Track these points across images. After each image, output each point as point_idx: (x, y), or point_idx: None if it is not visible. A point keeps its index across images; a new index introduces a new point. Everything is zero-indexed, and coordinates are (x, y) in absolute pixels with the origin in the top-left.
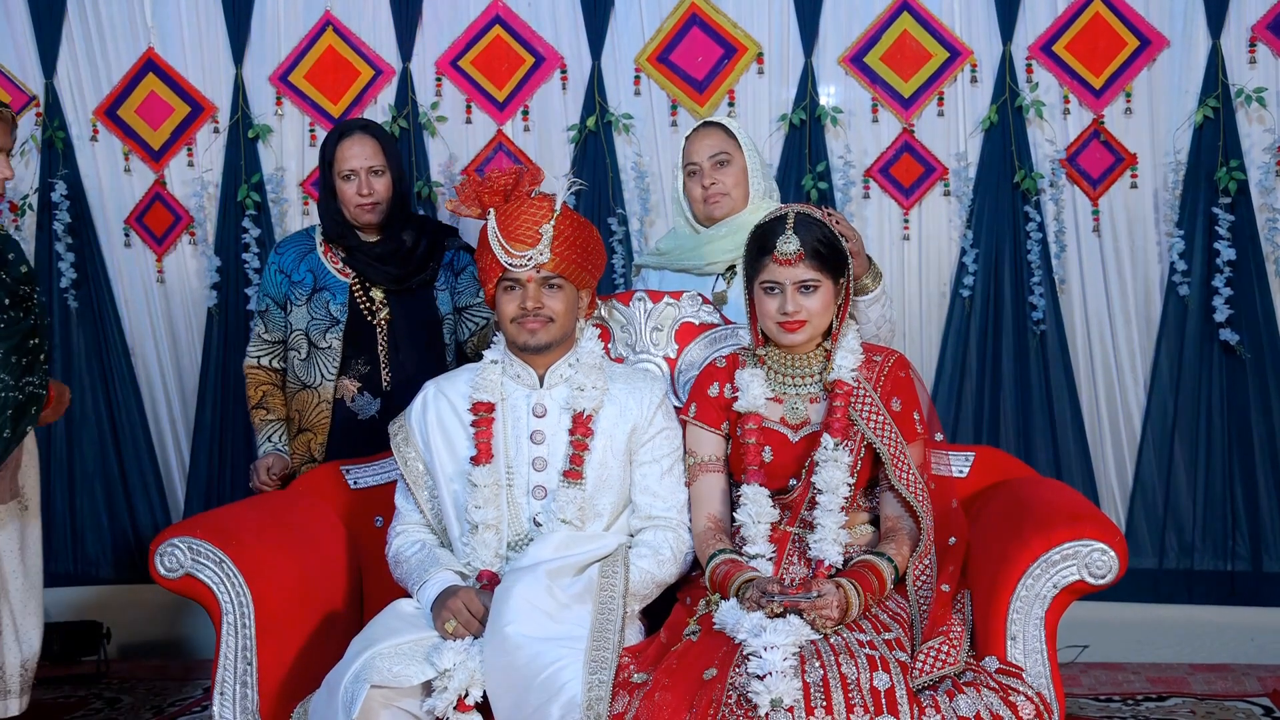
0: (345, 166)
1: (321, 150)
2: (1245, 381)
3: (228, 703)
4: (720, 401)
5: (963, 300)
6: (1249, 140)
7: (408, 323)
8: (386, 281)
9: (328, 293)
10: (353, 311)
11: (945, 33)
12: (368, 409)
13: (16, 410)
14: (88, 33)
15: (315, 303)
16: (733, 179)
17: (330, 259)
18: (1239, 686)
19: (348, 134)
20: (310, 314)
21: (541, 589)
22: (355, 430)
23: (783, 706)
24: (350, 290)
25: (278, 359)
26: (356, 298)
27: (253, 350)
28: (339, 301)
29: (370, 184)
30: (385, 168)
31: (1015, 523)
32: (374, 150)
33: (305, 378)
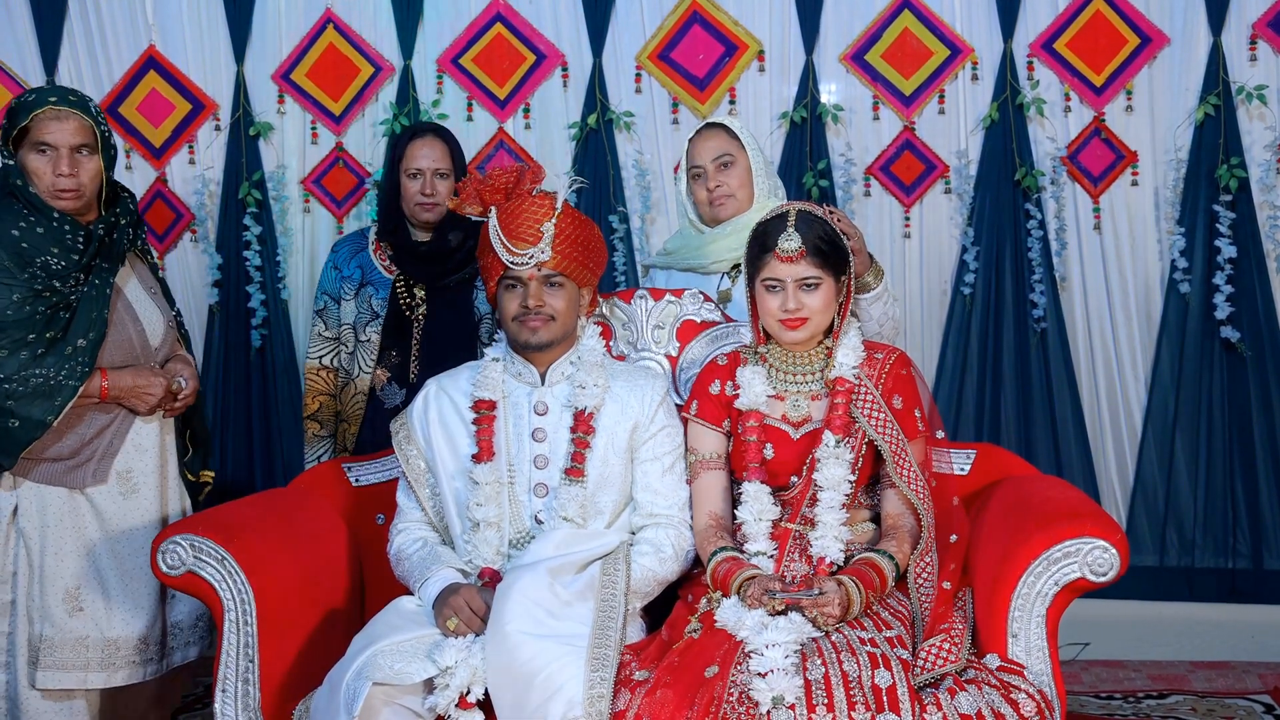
0: (413, 165)
1: (392, 147)
2: (1246, 379)
3: (229, 700)
4: (721, 399)
5: (964, 298)
6: (1250, 138)
7: (443, 320)
8: (426, 279)
9: (372, 288)
10: (393, 306)
11: (946, 30)
12: (393, 399)
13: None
14: (89, 30)
15: (361, 297)
16: (737, 180)
17: (379, 256)
18: (1240, 684)
19: (420, 134)
20: (357, 308)
21: (543, 586)
22: (381, 420)
23: (784, 704)
24: (394, 286)
25: (337, 357)
26: (399, 293)
27: (314, 350)
28: (381, 296)
29: (434, 185)
30: (450, 171)
31: (1016, 520)
32: (443, 153)
33: (349, 370)
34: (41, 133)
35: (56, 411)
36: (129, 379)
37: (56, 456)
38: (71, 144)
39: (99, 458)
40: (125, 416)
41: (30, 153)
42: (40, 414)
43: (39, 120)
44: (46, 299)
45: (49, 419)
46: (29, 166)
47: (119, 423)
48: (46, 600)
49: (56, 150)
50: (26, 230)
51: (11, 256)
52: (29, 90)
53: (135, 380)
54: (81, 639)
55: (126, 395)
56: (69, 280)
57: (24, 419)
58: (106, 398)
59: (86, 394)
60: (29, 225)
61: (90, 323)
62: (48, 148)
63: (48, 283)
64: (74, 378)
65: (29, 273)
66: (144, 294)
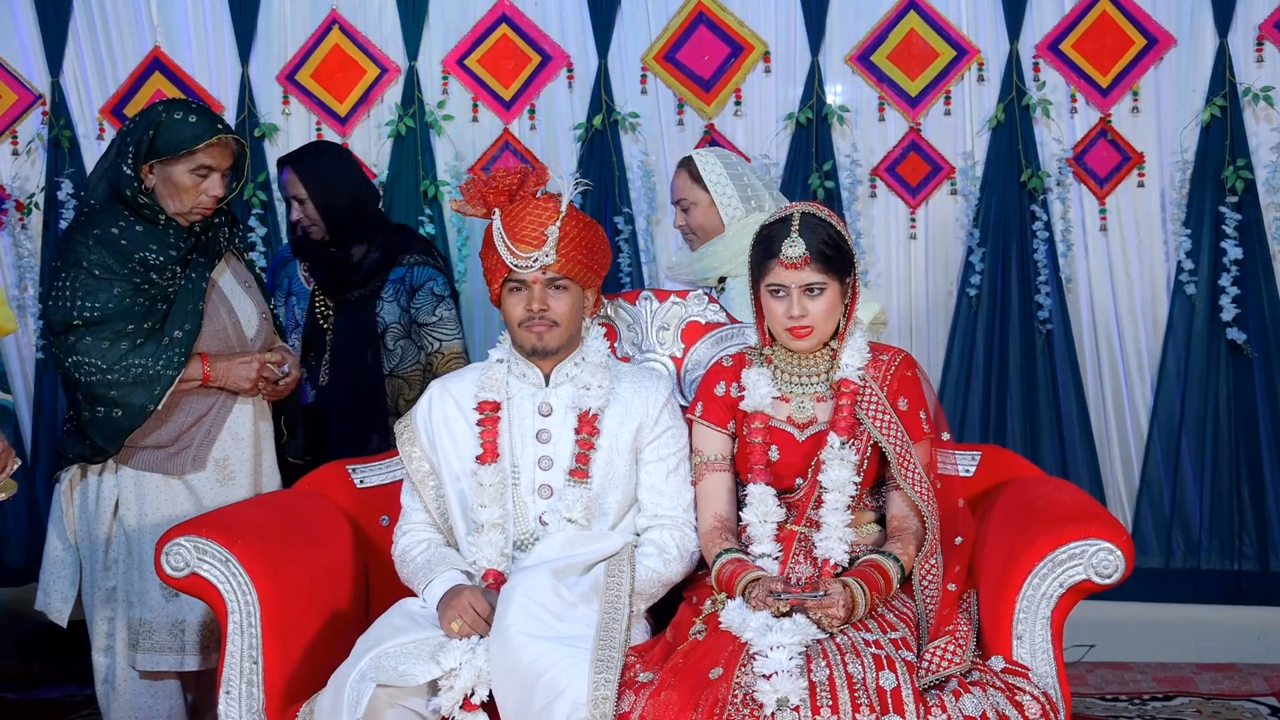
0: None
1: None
2: (1252, 380)
3: (233, 702)
4: (726, 400)
5: (969, 299)
6: (1256, 139)
7: (345, 332)
8: (328, 290)
9: (295, 298)
10: (310, 316)
11: (952, 31)
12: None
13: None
14: (93, 31)
15: (287, 306)
16: (697, 220)
17: (301, 267)
18: (1245, 686)
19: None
20: (285, 315)
21: (547, 588)
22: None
23: (788, 706)
24: (311, 296)
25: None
26: (316, 304)
27: None
28: (301, 305)
29: (300, 210)
30: (306, 197)
31: (1021, 522)
32: (295, 181)
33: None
34: (209, 157)
35: (156, 400)
36: (227, 360)
37: (156, 444)
38: (224, 167)
39: (197, 445)
40: (223, 405)
41: (183, 172)
42: (141, 402)
43: (209, 147)
44: (145, 292)
45: (149, 407)
46: (176, 182)
47: (216, 410)
48: (145, 585)
49: (215, 173)
50: (126, 228)
51: (112, 254)
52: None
53: (233, 360)
54: (178, 622)
55: (225, 375)
56: (166, 274)
57: (126, 407)
58: (209, 381)
59: (189, 378)
60: (128, 224)
61: (186, 315)
62: (209, 171)
63: (146, 276)
64: (171, 367)
65: (128, 268)
66: (239, 288)
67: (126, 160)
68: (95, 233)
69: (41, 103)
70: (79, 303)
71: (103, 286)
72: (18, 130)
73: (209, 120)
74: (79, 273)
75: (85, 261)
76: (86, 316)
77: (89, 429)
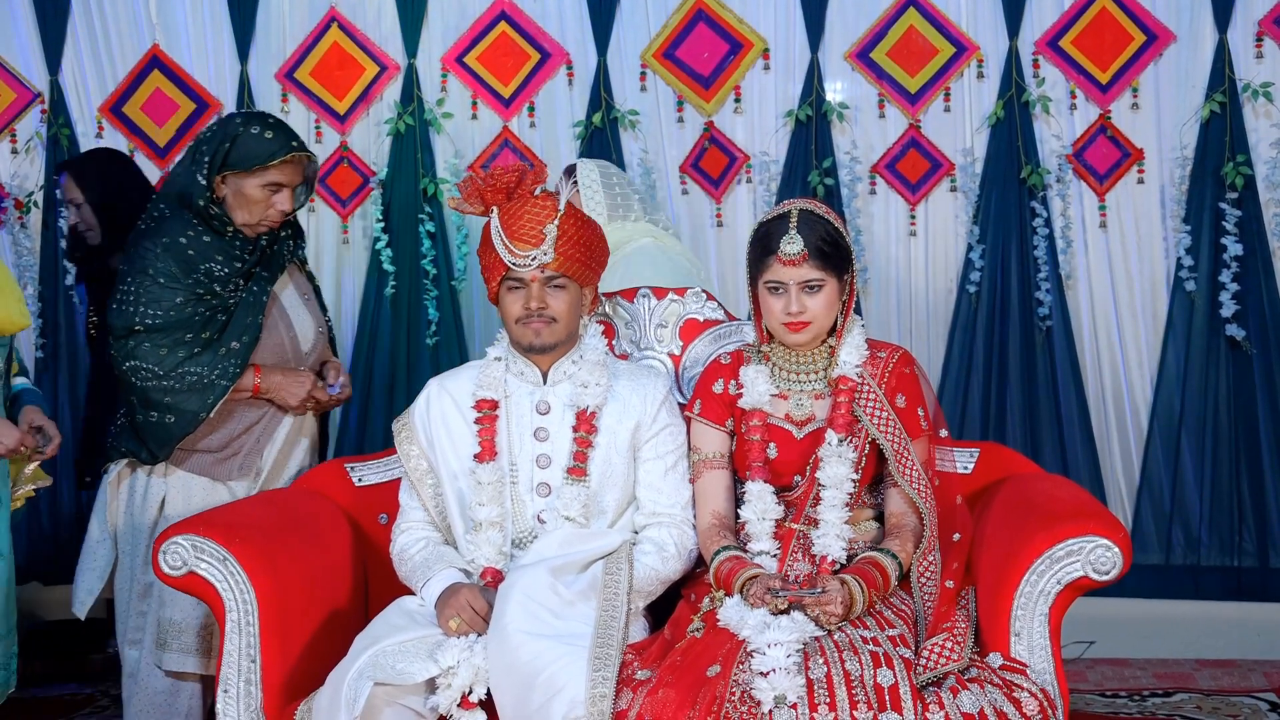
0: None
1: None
2: (1252, 377)
3: (232, 700)
4: (725, 398)
5: (969, 296)
6: (1256, 135)
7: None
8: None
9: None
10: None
11: (952, 28)
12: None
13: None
14: (92, 30)
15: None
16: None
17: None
18: (1245, 682)
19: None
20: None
21: (545, 586)
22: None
23: (786, 703)
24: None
25: None
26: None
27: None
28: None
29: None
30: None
31: (1019, 519)
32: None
33: None
34: (280, 174)
35: (209, 408)
36: (279, 376)
37: (207, 449)
38: (295, 184)
39: (245, 453)
40: (272, 417)
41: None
42: (193, 409)
43: (283, 164)
44: (207, 302)
45: (201, 414)
46: (247, 195)
47: (267, 421)
48: None
49: (285, 189)
50: (194, 238)
51: (178, 263)
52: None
53: (285, 377)
54: (207, 626)
55: (276, 390)
56: (229, 286)
57: (179, 413)
58: (259, 393)
59: (239, 389)
60: (196, 234)
61: (245, 327)
62: (280, 187)
63: (209, 287)
64: (225, 377)
65: (193, 278)
66: (299, 301)
67: (201, 170)
68: (164, 240)
69: (40, 101)
70: (142, 309)
71: (166, 294)
72: (16, 129)
73: (285, 137)
74: (144, 279)
75: (152, 269)
76: (148, 323)
77: (142, 432)
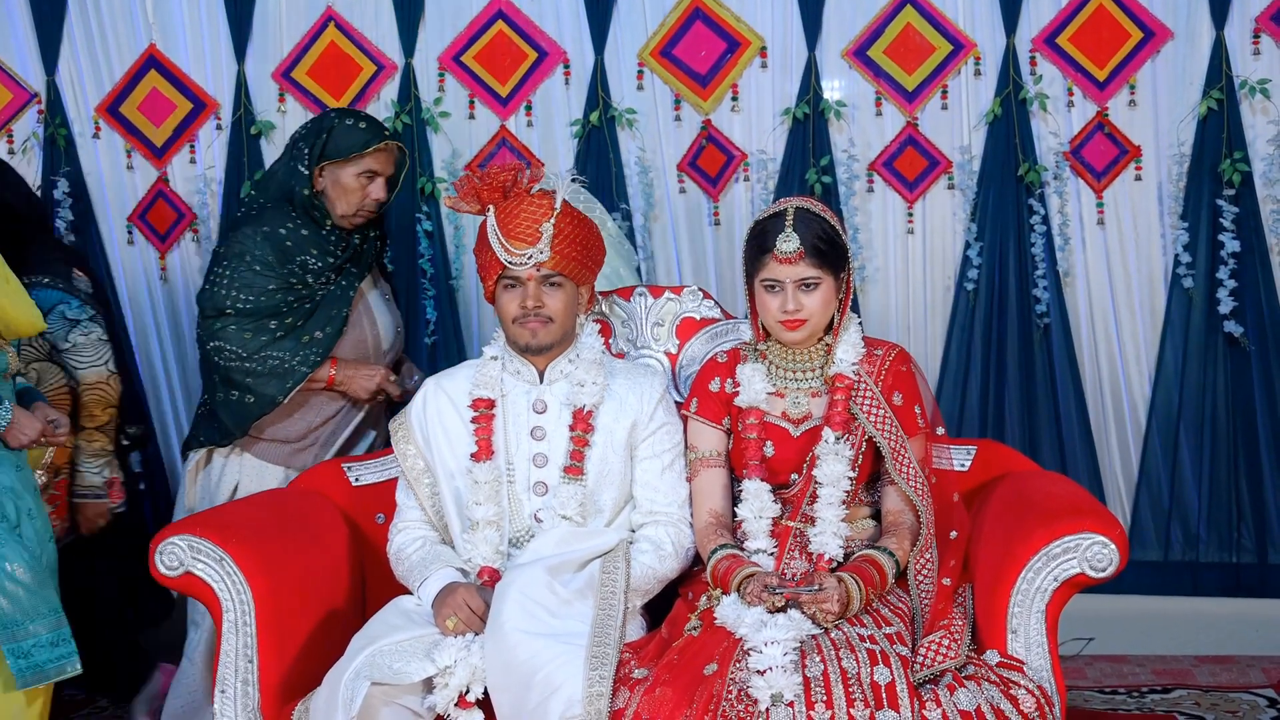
0: None
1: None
2: (1250, 373)
3: (229, 700)
4: (721, 396)
5: (967, 294)
6: (1253, 132)
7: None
8: None
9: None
10: None
11: (949, 25)
12: None
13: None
14: (89, 29)
15: None
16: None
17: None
18: (1244, 678)
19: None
20: None
21: (542, 585)
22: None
23: (783, 701)
24: None
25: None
26: None
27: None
28: None
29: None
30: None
31: (1016, 516)
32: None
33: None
34: (375, 163)
35: (286, 393)
36: (352, 369)
37: (284, 439)
38: (388, 174)
39: (320, 444)
40: (349, 411)
41: (351, 175)
42: (272, 393)
43: (377, 153)
44: (297, 291)
45: (279, 398)
46: (344, 184)
47: (343, 415)
48: None
49: (379, 178)
50: (292, 230)
51: (275, 251)
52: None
53: (358, 370)
54: None
55: (348, 382)
56: (321, 278)
57: (258, 395)
58: (331, 384)
59: (315, 379)
60: (295, 226)
61: (329, 319)
62: (375, 176)
63: (302, 278)
64: (305, 364)
65: (287, 268)
66: (382, 302)
67: (301, 162)
68: (264, 229)
69: (37, 101)
70: (234, 293)
71: (259, 281)
72: (13, 129)
73: (377, 127)
74: (240, 264)
75: (249, 255)
76: (239, 307)
77: (220, 410)
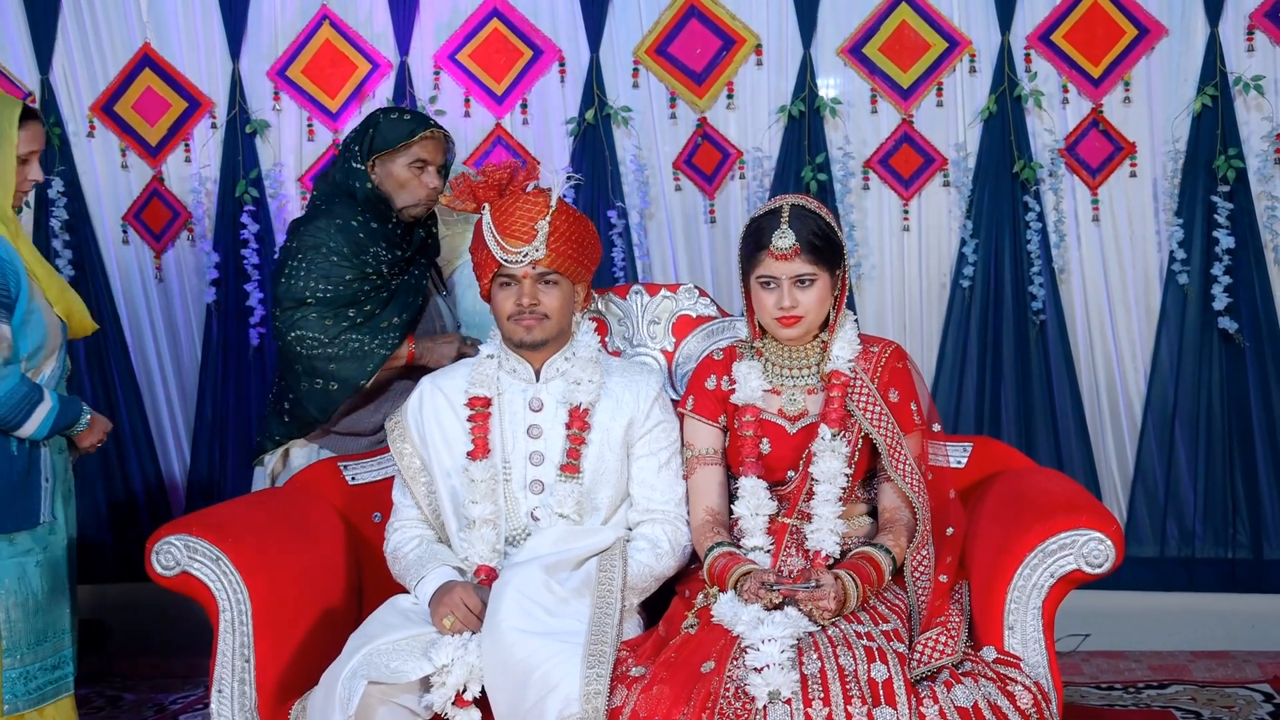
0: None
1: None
2: (1245, 369)
3: (226, 700)
4: (718, 394)
5: (963, 291)
6: (1247, 128)
7: None
8: None
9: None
10: None
11: (944, 23)
12: None
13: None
14: (83, 28)
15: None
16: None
17: None
18: (1240, 673)
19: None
20: None
21: (539, 584)
22: None
23: (780, 699)
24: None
25: None
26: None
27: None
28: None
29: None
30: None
31: (1012, 513)
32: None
33: None
34: (423, 151)
35: (368, 375)
36: (429, 341)
37: (362, 430)
38: (438, 163)
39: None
40: None
41: (402, 166)
42: (354, 377)
43: (423, 141)
44: (373, 281)
45: (361, 382)
46: (397, 176)
47: None
48: None
49: (430, 167)
50: (363, 223)
51: (349, 243)
52: (389, 110)
53: (434, 341)
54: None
55: (428, 353)
56: (394, 269)
57: (341, 381)
58: (412, 360)
59: (395, 357)
60: (364, 220)
61: (405, 305)
62: (425, 165)
63: (376, 268)
64: (384, 346)
65: (361, 259)
66: (439, 296)
67: (354, 159)
68: (337, 221)
69: (31, 100)
70: (312, 283)
71: (336, 271)
72: None
73: (421, 117)
74: (316, 255)
75: (324, 246)
76: (319, 295)
77: (305, 400)
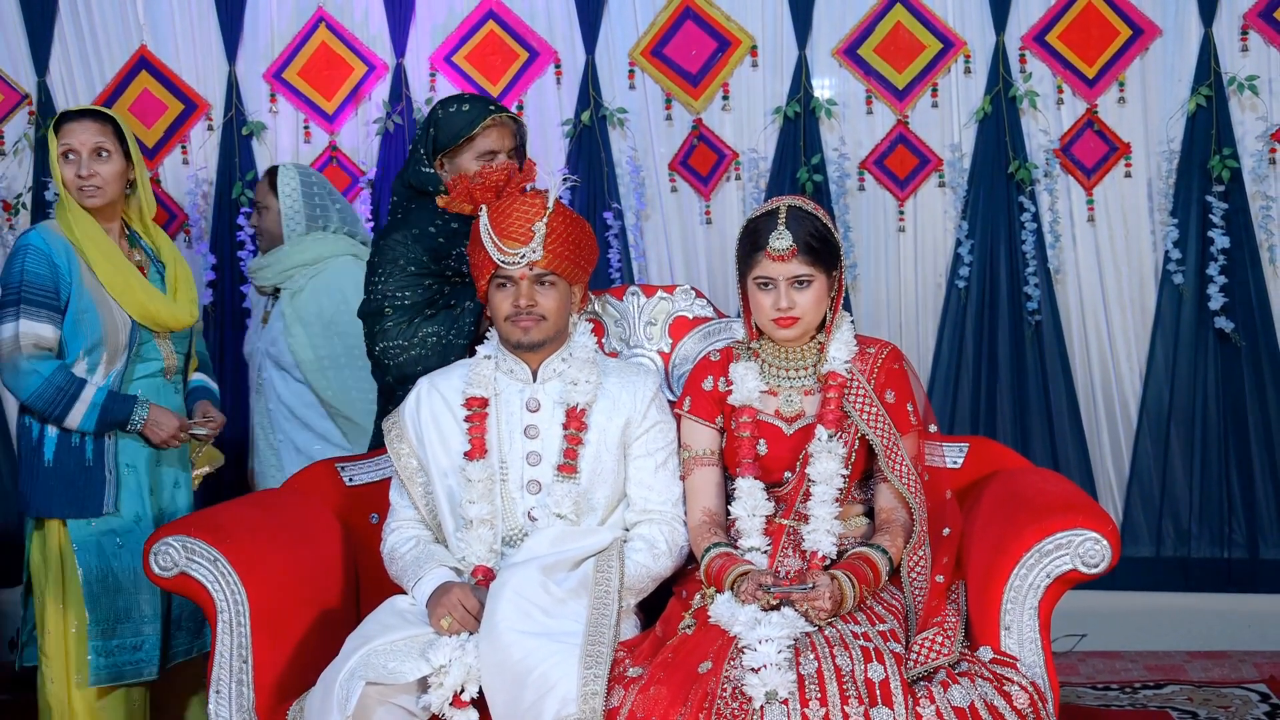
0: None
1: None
2: (1240, 369)
3: (224, 701)
4: (714, 395)
5: (958, 291)
6: (1242, 128)
7: None
8: None
9: None
10: None
11: (938, 24)
12: None
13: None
14: (80, 31)
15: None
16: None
17: None
18: (1236, 673)
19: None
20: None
21: (536, 584)
22: None
23: (777, 699)
24: None
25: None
26: None
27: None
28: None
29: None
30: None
31: (1008, 513)
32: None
33: None
34: (489, 141)
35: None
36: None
37: None
38: (508, 149)
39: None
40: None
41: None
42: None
43: (486, 131)
44: (450, 281)
45: None
46: (465, 170)
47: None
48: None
49: (500, 155)
50: (442, 226)
51: (428, 251)
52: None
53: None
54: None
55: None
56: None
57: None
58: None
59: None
60: (444, 222)
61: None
62: (494, 155)
63: (457, 269)
64: (461, 335)
65: (442, 264)
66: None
67: (422, 162)
68: (414, 232)
69: (28, 103)
70: (391, 293)
71: (413, 281)
72: (4, 130)
73: (481, 104)
74: (394, 269)
75: (403, 259)
76: (397, 303)
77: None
